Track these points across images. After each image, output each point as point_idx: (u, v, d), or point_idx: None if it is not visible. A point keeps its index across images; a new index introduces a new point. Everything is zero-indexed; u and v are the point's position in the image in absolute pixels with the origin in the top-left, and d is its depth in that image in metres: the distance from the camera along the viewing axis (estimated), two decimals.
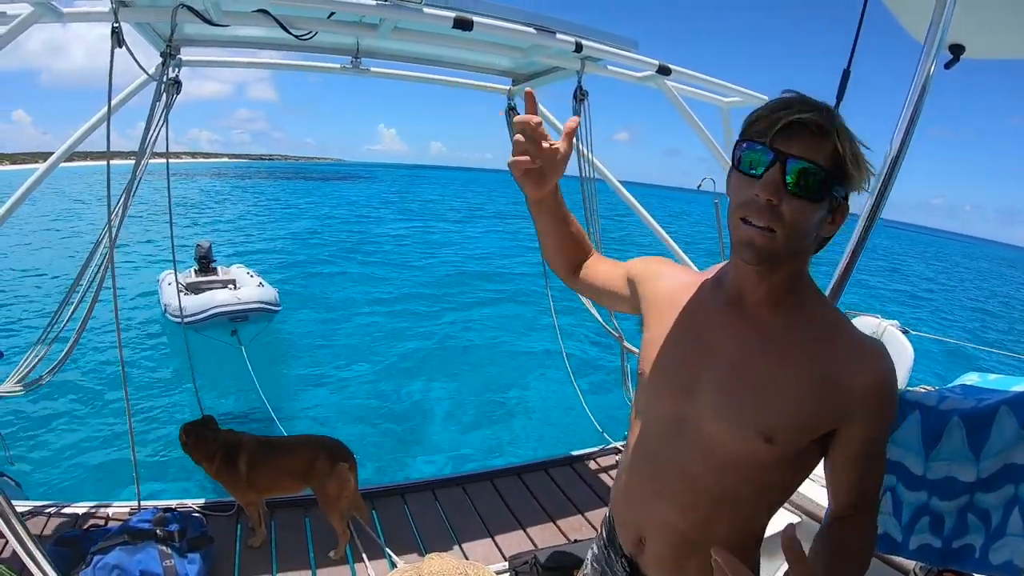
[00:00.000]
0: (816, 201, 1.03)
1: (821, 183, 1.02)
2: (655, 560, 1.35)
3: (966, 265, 61.30)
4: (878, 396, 1.10)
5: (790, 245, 1.07)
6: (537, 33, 3.07)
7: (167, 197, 3.68)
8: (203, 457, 3.26)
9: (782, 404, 1.12)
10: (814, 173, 1.01)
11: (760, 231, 1.05)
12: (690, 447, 1.23)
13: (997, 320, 25.76)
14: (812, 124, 1.01)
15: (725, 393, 1.18)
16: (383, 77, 4.11)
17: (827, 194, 1.04)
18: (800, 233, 1.06)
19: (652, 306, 1.38)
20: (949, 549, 1.62)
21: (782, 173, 1.02)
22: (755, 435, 1.13)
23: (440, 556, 2.40)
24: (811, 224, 1.06)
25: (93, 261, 3.18)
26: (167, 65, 3.10)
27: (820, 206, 1.05)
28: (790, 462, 1.17)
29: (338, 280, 19.29)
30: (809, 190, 1.02)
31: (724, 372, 1.19)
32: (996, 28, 2.15)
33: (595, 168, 3.95)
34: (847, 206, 1.09)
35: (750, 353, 1.17)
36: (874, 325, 3.46)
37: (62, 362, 3.25)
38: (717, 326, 1.23)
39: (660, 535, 1.31)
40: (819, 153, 1.01)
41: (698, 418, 1.21)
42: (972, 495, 1.55)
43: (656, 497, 1.30)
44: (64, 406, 8.51)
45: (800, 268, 1.17)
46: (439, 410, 9.40)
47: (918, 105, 2.05)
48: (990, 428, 1.50)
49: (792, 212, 1.03)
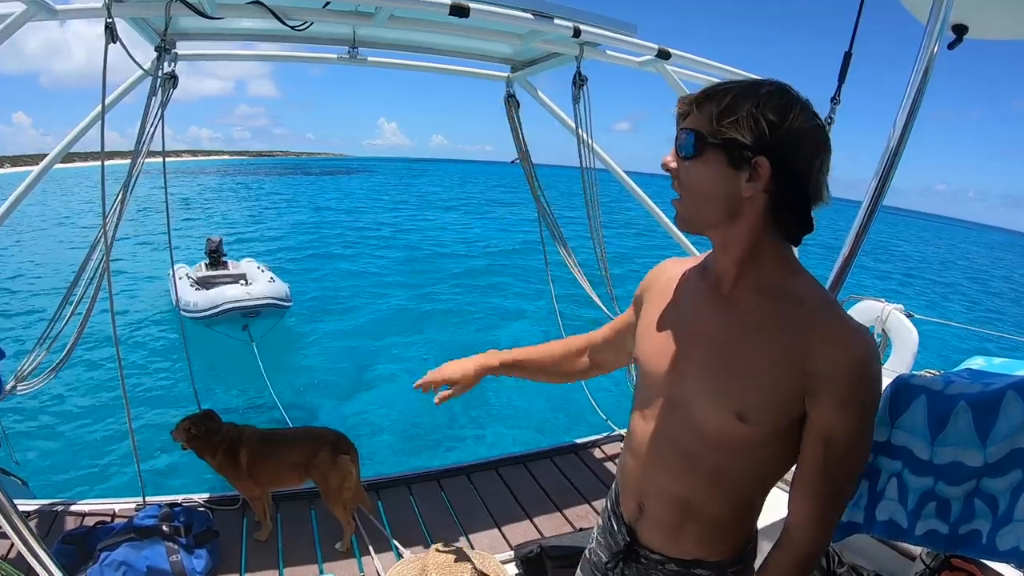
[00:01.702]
0: (690, 159, 1.16)
1: (694, 143, 1.14)
2: (653, 525, 1.40)
3: (975, 251, 61.35)
4: (846, 379, 1.11)
5: (698, 206, 1.20)
6: (534, 18, 3.04)
7: (165, 194, 3.67)
8: (206, 450, 3.26)
9: (754, 384, 1.18)
10: (687, 134, 1.15)
11: (673, 199, 1.23)
12: (681, 426, 1.29)
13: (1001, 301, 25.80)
14: (697, 100, 1.16)
15: (706, 375, 1.24)
16: (381, 67, 4.08)
17: (703, 151, 1.14)
18: (702, 194, 1.17)
19: (648, 300, 1.47)
20: (956, 535, 1.61)
21: (675, 142, 1.19)
22: (730, 415, 1.19)
23: (446, 546, 2.39)
24: (709, 184, 1.15)
25: (90, 263, 3.15)
26: (162, 59, 3.07)
27: (705, 165, 1.15)
28: (774, 442, 1.21)
29: (343, 273, 19.35)
30: (685, 149, 1.16)
31: (706, 355, 1.25)
32: (1000, 8, 2.13)
33: (596, 154, 3.92)
34: (762, 163, 1.10)
35: (727, 335, 1.23)
36: (878, 309, 3.45)
37: (63, 362, 3.26)
38: (702, 310, 1.30)
39: (658, 501, 1.37)
40: (699, 122, 1.14)
41: (686, 400, 1.28)
42: (979, 480, 1.54)
43: (654, 466, 1.36)
44: (70, 404, 8.59)
45: (762, 244, 1.20)
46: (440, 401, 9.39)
47: (921, 86, 2.03)
48: (997, 413, 1.48)
49: (685, 176, 1.18)
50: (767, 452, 1.23)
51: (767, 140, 1.09)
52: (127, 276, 16.74)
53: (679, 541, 1.36)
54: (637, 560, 1.45)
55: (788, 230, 1.19)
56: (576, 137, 3.80)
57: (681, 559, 1.37)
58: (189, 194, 48.55)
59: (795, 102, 1.11)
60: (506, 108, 4.36)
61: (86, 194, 45.72)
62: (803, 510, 1.22)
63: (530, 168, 4.47)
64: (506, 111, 4.36)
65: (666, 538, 1.38)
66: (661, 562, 1.40)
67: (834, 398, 1.12)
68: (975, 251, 63.67)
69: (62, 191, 47.30)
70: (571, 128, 3.84)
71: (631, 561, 1.46)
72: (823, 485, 1.19)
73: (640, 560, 1.44)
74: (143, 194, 3.57)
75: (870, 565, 2.44)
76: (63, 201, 40.71)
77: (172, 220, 3.96)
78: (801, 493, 1.22)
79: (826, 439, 1.15)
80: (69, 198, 43.11)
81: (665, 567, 1.40)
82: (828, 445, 1.15)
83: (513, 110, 4.33)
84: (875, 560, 2.50)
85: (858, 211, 2.15)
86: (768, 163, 1.10)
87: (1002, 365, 2.07)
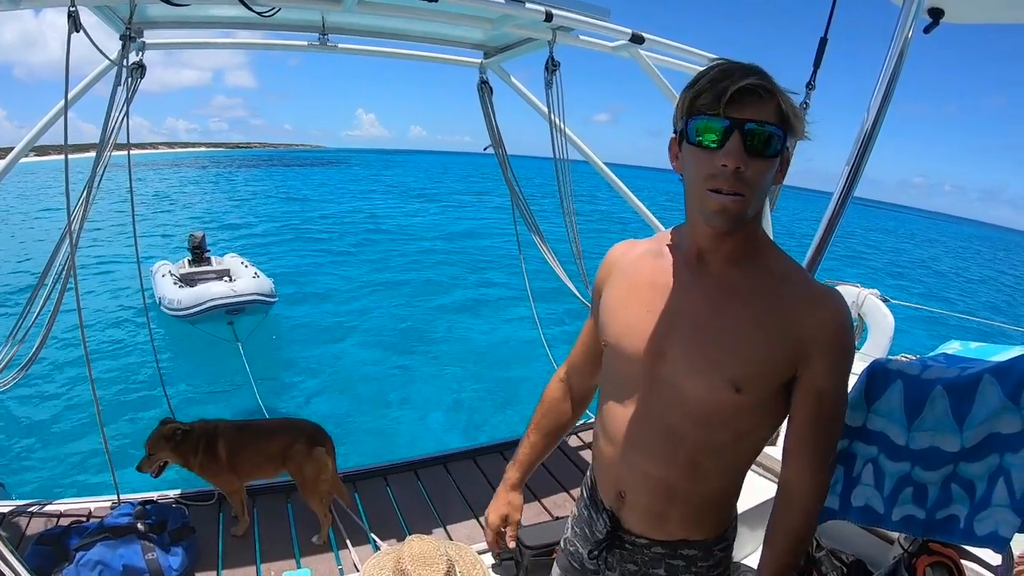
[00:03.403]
0: (773, 158, 1.12)
1: (777, 141, 1.10)
2: (636, 511, 1.39)
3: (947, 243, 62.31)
4: (832, 336, 1.17)
5: (756, 205, 1.16)
6: (506, 3, 3.01)
7: (130, 189, 3.59)
8: (188, 452, 3.19)
9: (747, 353, 1.20)
10: (771, 133, 1.09)
11: (733, 198, 1.11)
12: (666, 403, 1.29)
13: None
14: (759, 88, 1.08)
15: (695, 350, 1.24)
16: (352, 53, 4.03)
17: (782, 149, 1.12)
18: (764, 192, 1.15)
19: (611, 285, 1.45)
20: (933, 520, 1.61)
21: (741, 139, 1.08)
22: (726, 385, 1.20)
23: (421, 538, 2.37)
24: (770, 181, 1.15)
25: (56, 260, 3.08)
26: (128, 48, 3.00)
27: (775, 162, 1.13)
28: (762, 409, 1.25)
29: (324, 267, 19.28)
30: (768, 149, 1.10)
31: (691, 330, 1.25)
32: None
33: (569, 140, 3.91)
34: (791, 155, 1.16)
35: (713, 309, 1.24)
36: (854, 294, 3.46)
37: (30, 362, 3.19)
38: (680, 288, 1.30)
39: (642, 487, 1.36)
40: (769, 113, 1.09)
41: (672, 376, 1.27)
42: (956, 465, 1.54)
43: (635, 452, 1.35)
44: (41, 404, 8.46)
45: (756, 223, 1.24)
46: (423, 392, 9.42)
47: (896, 70, 2.03)
48: (973, 397, 1.48)
49: (756, 174, 1.10)
50: (752, 420, 1.26)
51: (797, 134, 1.14)
52: (103, 272, 16.57)
53: (665, 525, 1.37)
54: (621, 546, 1.44)
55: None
56: (549, 123, 3.78)
57: (667, 541, 1.38)
58: (166, 188, 47.84)
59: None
60: (479, 95, 4.33)
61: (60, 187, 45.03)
62: (801, 464, 1.26)
63: (503, 155, 4.44)
64: (479, 97, 4.34)
65: (651, 523, 1.38)
66: (647, 546, 1.40)
67: (824, 359, 1.18)
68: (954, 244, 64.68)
69: (38, 186, 46.54)
70: (544, 114, 3.82)
71: (614, 548, 1.46)
72: (818, 440, 1.24)
73: (625, 546, 1.44)
74: (126, 186, 3.50)
75: (848, 550, 2.45)
76: (40, 196, 40.07)
77: (153, 215, 3.91)
78: (797, 451, 1.26)
79: (818, 397, 1.20)
80: (47, 191, 42.37)
81: (651, 550, 1.40)
82: (820, 403, 1.21)
83: (486, 96, 4.30)
84: (853, 545, 2.52)
85: (829, 201, 2.16)
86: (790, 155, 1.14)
87: (978, 350, 2.07)
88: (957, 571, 1.97)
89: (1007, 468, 1.43)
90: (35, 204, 34.72)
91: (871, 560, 2.42)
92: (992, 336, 10.05)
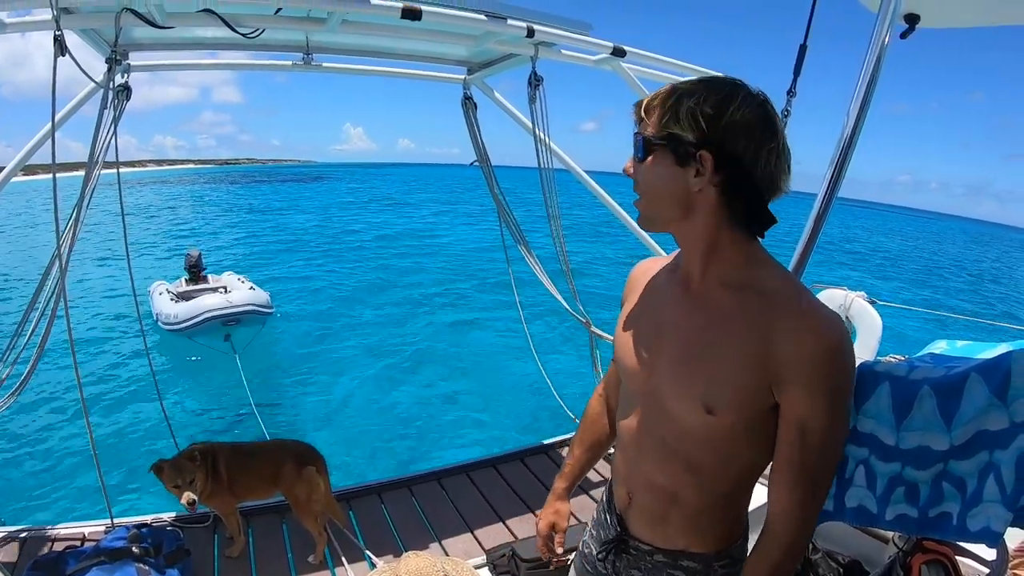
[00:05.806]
0: (642, 160, 1.23)
1: (643, 145, 1.22)
2: (641, 513, 1.47)
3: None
4: (811, 362, 1.14)
5: (655, 205, 1.26)
6: (488, 20, 3.03)
7: (121, 208, 3.58)
8: (208, 474, 3.14)
9: (717, 375, 1.22)
10: (637, 138, 1.23)
11: (636, 201, 1.30)
12: (658, 419, 1.36)
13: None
14: (644, 106, 1.23)
15: (675, 368, 1.30)
16: (336, 72, 4.08)
17: (651, 151, 1.21)
18: (657, 193, 1.24)
19: (627, 300, 1.53)
20: (926, 518, 1.61)
21: (633, 148, 1.25)
22: (698, 407, 1.25)
23: (417, 555, 2.37)
24: (661, 183, 1.21)
25: (47, 284, 3.07)
26: (113, 71, 3.01)
27: (656, 165, 1.21)
28: (748, 434, 1.26)
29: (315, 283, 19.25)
30: (636, 151, 1.24)
31: (676, 350, 1.31)
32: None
33: (553, 153, 3.93)
34: (704, 156, 1.15)
35: (696, 330, 1.28)
36: (841, 297, 3.48)
37: (21, 387, 3.17)
38: (672, 307, 1.35)
39: (645, 491, 1.44)
40: (648, 125, 1.21)
41: (661, 394, 1.33)
42: (946, 463, 1.54)
43: (639, 457, 1.43)
44: (34, 427, 8.36)
45: (722, 238, 1.24)
46: (417, 405, 9.40)
47: (874, 75, 2.05)
48: (960, 396, 1.49)
49: (640, 176, 1.25)
50: (742, 444, 1.28)
51: (707, 134, 1.14)
52: (98, 291, 16.52)
53: (665, 530, 1.42)
54: (627, 551, 1.52)
55: (746, 222, 1.21)
56: (533, 136, 3.80)
57: (668, 549, 1.43)
58: (155, 205, 47.76)
59: (735, 95, 1.13)
60: (464, 110, 4.35)
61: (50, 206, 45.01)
62: (781, 500, 1.25)
63: (489, 170, 4.46)
64: (464, 113, 4.36)
65: (653, 527, 1.44)
66: (650, 552, 1.46)
67: (800, 386, 1.16)
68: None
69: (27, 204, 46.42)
70: (528, 128, 3.84)
71: (621, 552, 1.53)
72: (799, 474, 1.22)
73: (630, 551, 1.51)
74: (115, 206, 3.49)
75: (844, 550, 2.46)
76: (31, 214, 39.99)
77: (144, 234, 3.91)
78: (778, 483, 1.25)
79: (799, 428, 1.18)
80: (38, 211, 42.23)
81: (653, 558, 1.46)
82: (801, 434, 1.19)
83: (471, 112, 4.32)
84: (849, 545, 2.53)
85: (813, 202, 2.17)
86: (711, 156, 1.13)
87: (964, 348, 2.08)
88: (952, 568, 1.99)
89: (996, 464, 1.44)
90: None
91: (867, 560, 2.43)
92: (980, 333, 10.10)
